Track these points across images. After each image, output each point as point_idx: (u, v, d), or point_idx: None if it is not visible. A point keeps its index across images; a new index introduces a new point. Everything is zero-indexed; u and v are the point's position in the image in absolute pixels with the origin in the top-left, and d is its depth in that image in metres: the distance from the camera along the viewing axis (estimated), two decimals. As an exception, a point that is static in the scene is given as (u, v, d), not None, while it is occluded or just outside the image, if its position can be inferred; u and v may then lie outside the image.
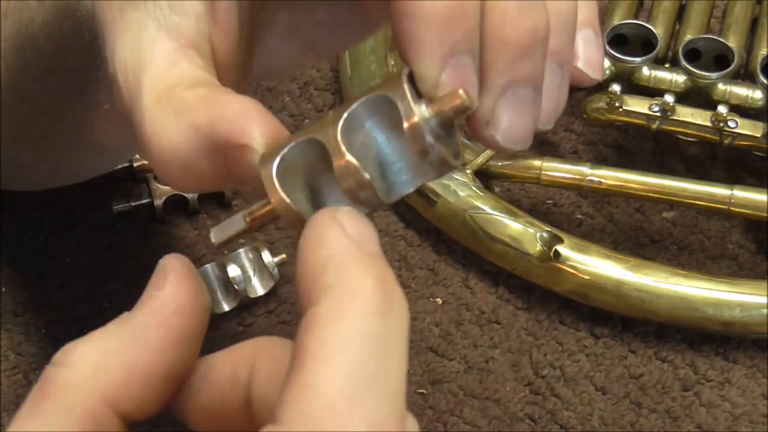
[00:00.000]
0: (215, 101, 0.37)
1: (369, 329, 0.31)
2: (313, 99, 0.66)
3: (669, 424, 0.55)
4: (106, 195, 0.61)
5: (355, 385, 0.30)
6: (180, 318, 0.35)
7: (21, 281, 0.59)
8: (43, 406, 0.34)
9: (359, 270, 0.32)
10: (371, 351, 0.31)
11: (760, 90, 0.60)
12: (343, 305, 0.31)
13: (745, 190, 0.58)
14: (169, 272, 0.36)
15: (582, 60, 0.42)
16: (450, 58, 0.35)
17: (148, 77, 0.38)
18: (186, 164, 0.37)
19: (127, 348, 0.35)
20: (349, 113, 0.35)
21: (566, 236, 0.58)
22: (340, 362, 0.30)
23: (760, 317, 0.56)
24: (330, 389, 0.30)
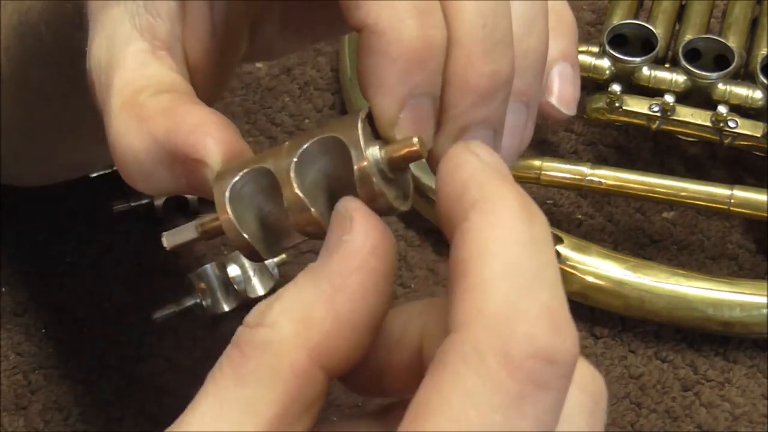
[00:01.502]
0: (175, 112, 0.37)
1: (520, 232, 0.32)
2: (313, 99, 0.66)
3: (669, 424, 0.55)
4: (106, 195, 0.61)
5: (521, 278, 0.31)
6: (377, 259, 0.34)
7: (21, 281, 0.59)
8: (246, 368, 0.33)
9: (500, 186, 0.32)
10: (527, 249, 0.31)
11: (760, 90, 0.60)
12: (493, 213, 0.32)
13: (745, 190, 0.58)
14: (354, 214, 0.34)
15: (555, 96, 0.42)
16: (410, 98, 0.35)
17: (117, 80, 0.39)
18: (145, 171, 0.38)
19: (329, 298, 0.34)
20: (302, 151, 0.35)
21: (566, 236, 0.58)
22: (502, 260, 0.31)
23: (760, 317, 0.56)
24: (500, 284, 0.31)
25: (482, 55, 0.36)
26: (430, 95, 0.36)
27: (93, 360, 0.57)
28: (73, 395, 0.56)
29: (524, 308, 0.31)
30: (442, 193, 0.33)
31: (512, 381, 0.30)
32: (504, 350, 0.30)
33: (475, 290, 0.31)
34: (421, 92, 0.35)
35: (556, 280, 0.32)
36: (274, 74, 0.67)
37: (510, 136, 0.39)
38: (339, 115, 0.65)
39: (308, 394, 0.33)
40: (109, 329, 0.58)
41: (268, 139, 0.64)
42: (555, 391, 0.31)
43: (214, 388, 0.33)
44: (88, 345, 0.57)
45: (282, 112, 0.65)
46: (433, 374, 0.31)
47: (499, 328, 0.30)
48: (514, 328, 0.30)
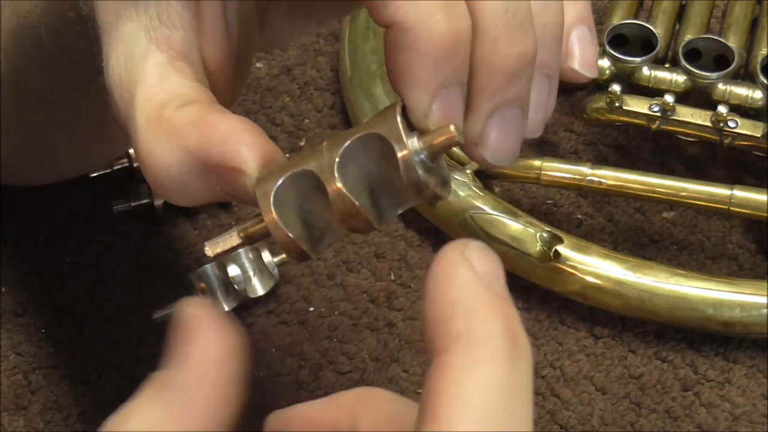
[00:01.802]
0: (205, 123, 0.37)
1: (499, 379, 0.31)
2: (313, 99, 0.66)
3: (669, 424, 0.55)
4: (106, 195, 0.61)
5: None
6: (221, 367, 0.34)
7: (21, 281, 0.59)
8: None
9: (488, 316, 0.32)
10: (502, 401, 0.31)
11: (760, 90, 0.60)
12: (474, 355, 0.31)
13: (745, 190, 0.58)
14: (190, 321, 0.34)
15: (578, 61, 0.42)
16: (441, 90, 0.36)
17: (139, 96, 0.39)
18: (180, 183, 0.38)
19: (180, 412, 0.33)
20: (344, 150, 0.36)
21: (566, 236, 0.58)
22: (474, 413, 0.30)
23: (760, 317, 0.56)
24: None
25: (507, 39, 0.36)
26: (459, 84, 0.36)
27: (93, 360, 0.57)
28: (73, 395, 0.56)
29: None
30: (430, 308, 0.33)
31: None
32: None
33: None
34: (452, 82, 0.36)
35: (528, 423, 0.31)
36: (274, 74, 0.67)
37: (535, 111, 0.39)
38: (339, 114, 0.65)
39: None
40: (109, 329, 0.58)
41: (268, 139, 0.64)
42: None
43: None
44: (88, 345, 0.57)
45: (282, 112, 0.65)
46: None
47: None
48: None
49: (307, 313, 0.58)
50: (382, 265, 0.60)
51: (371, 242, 0.61)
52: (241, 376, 0.34)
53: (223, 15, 0.40)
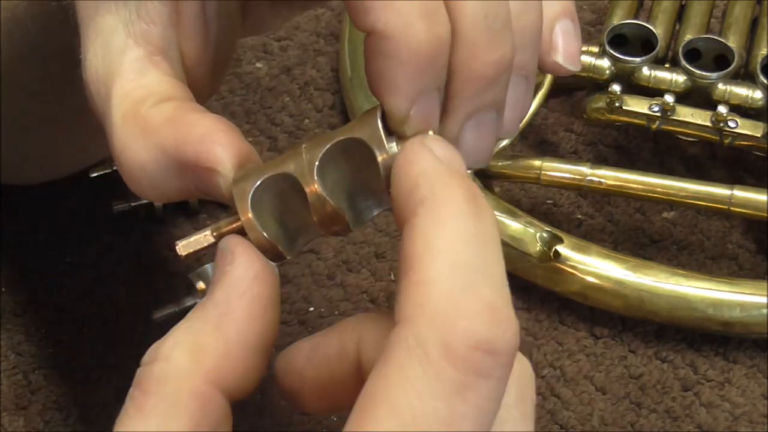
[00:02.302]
0: (181, 121, 0.38)
1: (466, 229, 0.33)
2: (313, 99, 0.66)
3: (669, 424, 0.55)
4: (106, 195, 0.61)
5: (464, 274, 0.32)
6: (260, 285, 0.36)
7: (21, 281, 0.59)
8: (148, 404, 0.35)
9: (450, 182, 0.34)
10: (471, 246, 0.33)
11: (760, 90, 0.60)
12: (439, 211, 0.33)
13: (745, 190, 0.58)
14: (234, 248, 0.37)
15: (561, 54, 0.43)
16: (419, 96, 0.36)
17: (116, 91, 0.39)
18: (154, 180, 0.38)
19: (217, 325, 0.35)
20: (323, 154, 0.36)
21: (566, 236, 0.58)
22: (446, 257, 0.33)
23: (760, 317, 0.56)
24: (443, 280, 0.32)
25: (486, 46, 0.37)
26: (437, 89, 0.37)
27: (93, 360, 0.57)
28: (73, 395, 0.56)
29: (466, 304, 0.32)
30: (395, 188, 0.35)
31: (453, 370, 0.31)
32: (445, 342, 0.31)
33: (419, 286, 0.32)
34: (429, 88, 0.36)
35: (499, 275, 0.33)
36: (274, 74, 0.67)
37: (512, 109, 0.40)
38: (339, 114, 0.65)
39: (212, 418, 0.35)
40: (109, 329, 0.58)
41: (268, 139, 0.64)
42: (495, 379, 0.32)
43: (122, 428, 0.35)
44: (88, 345, 0.57)
45: (282, 112, 0.65)
46: (378, 367, 0.32)
47: (441, 322, 0.32)
48: (455, 322, 0.32)
49: (307, 313, 0.58)
50: (382, 265, 0.60)
51: (371, 242, 0.61)
52: (276, 299, 0.36)
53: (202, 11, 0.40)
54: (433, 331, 0.32)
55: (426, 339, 0.32)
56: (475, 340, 0.32)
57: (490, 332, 0.32)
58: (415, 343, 0.32)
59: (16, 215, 0.61)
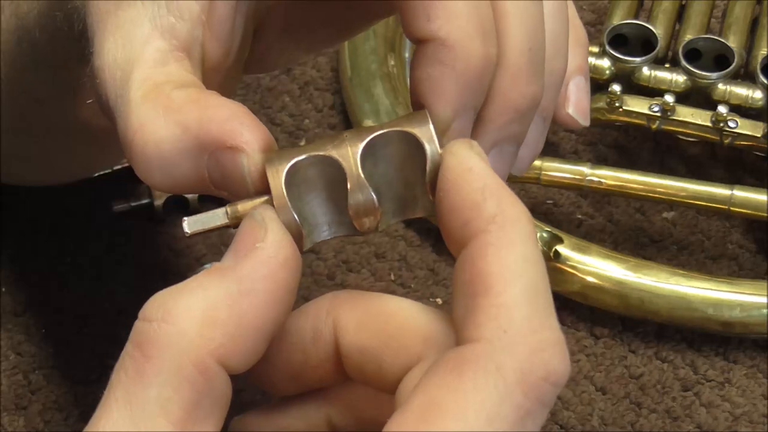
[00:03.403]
0: (205, 102, 0.37)
1: (534, 252, 0.34)
2: (313, 99, 0.66)
3: (669, 424, 0.55)
4: (106, 195, 0.61)
5: (539, 301, 0.34)
6: (286, 271, 0.35)
7: (21, 281, 0.59)
8: (149, 369, 0.34)
9: (513, 199, 0.35)
10: (539, 270, 0.34)
11: (760, 90, 0.60)
12: (512, 231, 0.34)
13: (745, 190, 0.58)
14: (268, 222, 0.35)
15: (573, 107, 0.44)
16: (463, 109, 0.37)
17: (136, 75, 0.38)
18: (167, 162, 0.37)
19: (235, 301, 0.34)
20: (369, 140, 0.36)
21: (566, 236, 0.58)
22: (523, 281, 0.34)
23: (760, 317, 0.56)
24: (523, 306, 0.34)
25: (526, 77, 0.38)
26: (475, 108, 0.38)
27: (93, 360, 0.57)
28: (73, 395, 0.56)
29: (543, 334, 0.34)
30: (456, 197, 0.35)
31: (523, 397, 0.33)
32: (522, 369, 0.33)
33: (500, 309, 0.33)
34: (472, 105, 0.38)
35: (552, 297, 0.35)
36: (274, 74, 0.67)
37: (528, 147, 0.41)
38: (339, 114, 0.65)
39: (215, 392, 0.34)
40: (109, 329, 0.58)
41: (268, 139, 0.64)
42: (550, 406, 0.34)
43: (121, 390, 0.34)
44: (88, 345, 0.57)
45: (282, 112, 0.65)
46: (447, 377, 0.33)
47: (521, 350, 0.33)
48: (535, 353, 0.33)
49: (307, 313, 0.58)
50: (382, 265, 0.60)
51: (371, 242, 0.61)
52: (296, 288, 0.36)
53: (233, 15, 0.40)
54: (513, 358, 0.33)
55: (505, 364, 0.33)
56: (547, 371, 0.33)
57: (560, 366, 0.34)
58: (494, 366, 0.33)
59: (16, 215, 0.61)
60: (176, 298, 0.35)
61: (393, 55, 0.64)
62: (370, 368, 0.36)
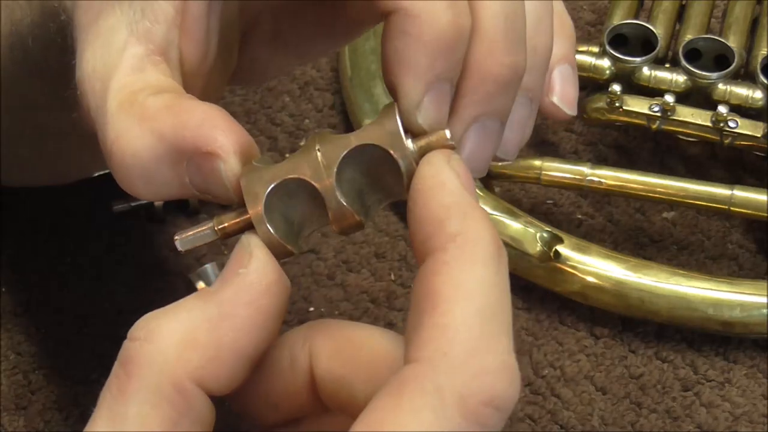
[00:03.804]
0: (179, 108, 0.37)
1: (492, 275, 0.33)
2: (313, 99, 0.66)
3: (669, 424, 0.55)
4: (106, 195, 0.61)
5: (488, 324, 0.33)
6: (268, 297, 0.35)
7: (21, 281, 0.59)
8: (129, 387, 0.34)
9: (479, 219, 0.34)
10: (495, 294, 0.33)
11: (760, 90, 0.60)
12: (470, 252, 0.33)
13: (745, 190, 0.58)
14: (254, 249, 0.36)
15: (558, 95, 0.43)
16: (435, 83, 0.36)
17: (114, 82, 0.38)
18: (147, 171, 0.37)
19: (215, 326, 0.35)
20: (342, 160, 0.36)
21: (566, 236, 0.58)
22: (473, 303, 0.33)
23: (760, 317, 0.56)
24: (468, 328, 0.33)
25: (504, 46, 0.37)
26: (450, 81, 0.37)
27: (93, 360, 0.57)
28: (73, 395, 0.56)
29: (486, 359, 0.33)
30: (423, 210, 0.35)
31: (463, 421, 0.32)
32: (461, 394, 0.32)
33: (444, 330, 0.33)
34: (445, 78, 0.36)
35: (511, 323, 0.34)
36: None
37: (514, 131, 0.40)
38: (339, 114, 0.65)
39: (194, 413, 0.34)
40: (109, 329, 0.58)
41: (268, 139, 0.64)
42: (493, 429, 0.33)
43: (105, 407, 0.35)
44: (88, 345, 0.57)
45: (282, 112, 0.65)
46: (385, 398, 0.33)
47: (461, 374, 0.32)
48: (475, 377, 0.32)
49: (307, 313, 0.58)
50: (382, 265, 0.60)
51: (371, 242, 0.61)
52: (282, 311, 0.36)
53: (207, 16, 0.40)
54: (452, 381, 0.32)
55: (443, 386, 0.32)
56: (490, 396, 0.32)
57: (505, 390, 0.33)
58: (432, 388, 0.32)
59: (16, 215, 0.61)
60: (160, 318, 0.35)
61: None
62: (344, 396, 0.37)
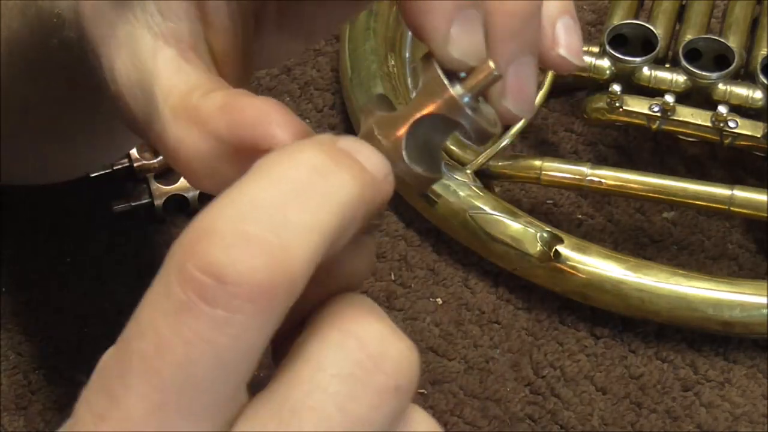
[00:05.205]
0: (233, 107, 0.37)
1: (298, 173, 0.32)
2: (313, 99, 0.66)
3: (669, 424, 0.55)
4: (106, 195, 0.61)
5: (242, 206, 0.32)
6: None
7: (21, 281, 0.59)
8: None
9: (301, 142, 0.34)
10: (284, 188, 0.32)
11: (760, 90, 0.60)
12: (289, 149, 0.33)
13: (745, 190, 0.58)
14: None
15: (564, 47, 0.43)
16: (459, 9, 0.36)
17: (158, 91, 0.38)
18: (213, 171, 0.38)
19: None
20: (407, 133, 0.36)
21: (566, 236, 0.58)
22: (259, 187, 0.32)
23: (760, 317, 0.56)
24: (225, 209, 0.31)
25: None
26: (474, 6, 0.36)
27: (93, 360, 0.57)
28: (73, 395, 0.56)
29: (219, 229, 0.30)
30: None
31: (180, 290, 0.30)
32: (181, 261, 0.30)
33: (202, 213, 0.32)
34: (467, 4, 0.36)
35: (306, 224, 0.31)
36: (274, 74, 0.67)
37: (521, 90, 0.39)
38: (339, 114, 0.65)
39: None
40: (109, 329, 0.57)
41: (268, 139, 0.64)
42: (223, 309, 0.30)
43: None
44: (88, 345, 0.57)
45: (282, 112, 0.65)
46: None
47: (189, 242, 0.31)
48: (198, 243, 0.30)
49: (307, 313, 0.58)
50: (382, 265, 0.60)
51: (371, 242, 0.61)
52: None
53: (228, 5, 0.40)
54: (180, 250, 0.31)
55: (172, 258, 0.31)
56: (206, 262, 0.30)
57: (222, 256, 0.30)
58: (167, 263, 0.31)
59: (16, 215, 0.61)
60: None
61: (393, 55, 0.64)
62: None
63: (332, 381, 0.31)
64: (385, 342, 0.32)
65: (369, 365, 0.32)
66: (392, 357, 0.32)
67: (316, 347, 0.32)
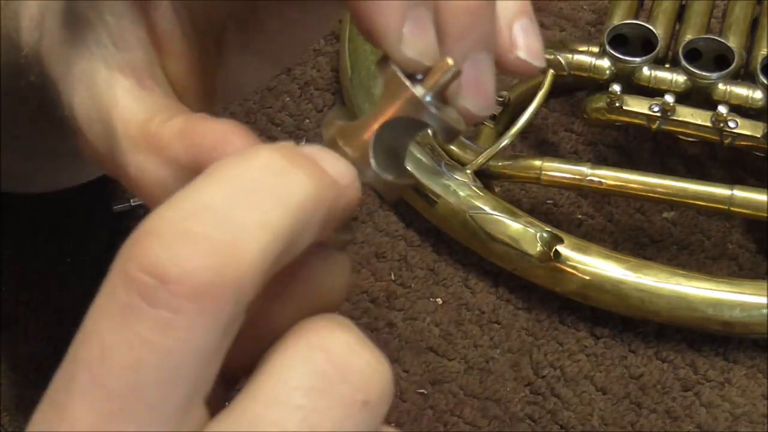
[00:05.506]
0: (193, 133, 0.37)
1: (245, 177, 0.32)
2: (313, 99, 0.66)
3: (669, 424, 0.55)
4: (106, 195, 0.61)
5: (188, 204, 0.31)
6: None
7: (21, 281, 0.59)
8: None
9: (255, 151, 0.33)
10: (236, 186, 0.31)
11: (760, 90, 0.60)
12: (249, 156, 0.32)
13: (745, 190, 0.58)
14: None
15: (523, 49, 0.42)
16: (409, 10, 0.35)
17: (118, 122, 0.38)
18: None
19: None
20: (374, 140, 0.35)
21: (566, 236, 0.58)
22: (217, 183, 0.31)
23: (760, 317, 0.56)
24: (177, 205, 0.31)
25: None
26: (423, 4, 0.36)
27: (93, 360, 0.57)
28: (73, 395, 0.56)
29: (162, 229, 0.30)
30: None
31: (122, 290, 0.29)
32: (123, 262, 0.30)
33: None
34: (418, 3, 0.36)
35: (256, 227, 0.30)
36: (274, 74, 0.67)
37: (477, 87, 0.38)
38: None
39: None
40: (109, 329, 0.58)
41: (268, 139, 0.64)
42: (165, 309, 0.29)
43: None
44: (88, 345, 0.57)
45: (282, 112, 0.65)
46: None
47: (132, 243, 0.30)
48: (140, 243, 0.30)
49: (307, 313, 0.58)
50: (382, 265, 0.60)
51: (371, 242, 0.61)
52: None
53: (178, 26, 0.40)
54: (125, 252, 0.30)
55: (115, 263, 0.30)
56: (148, 262, 0.29)
57: (164, 255, 0.29)
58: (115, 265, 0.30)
59: (16, 215, 0.61)
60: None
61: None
62: None
63: (294, 393, 0.30)
64: (352, 352, 0.30)
65: (333, 376, 0.30)
66: (359, 368, 0.30)
67: (280, 360, 0.30)
